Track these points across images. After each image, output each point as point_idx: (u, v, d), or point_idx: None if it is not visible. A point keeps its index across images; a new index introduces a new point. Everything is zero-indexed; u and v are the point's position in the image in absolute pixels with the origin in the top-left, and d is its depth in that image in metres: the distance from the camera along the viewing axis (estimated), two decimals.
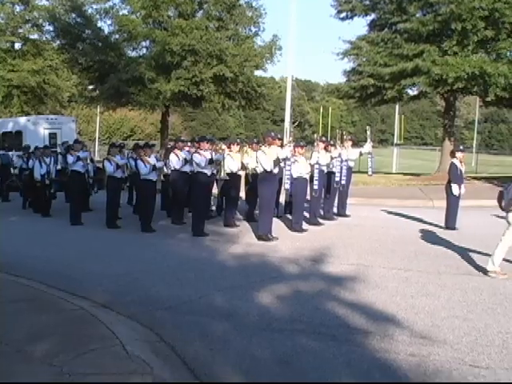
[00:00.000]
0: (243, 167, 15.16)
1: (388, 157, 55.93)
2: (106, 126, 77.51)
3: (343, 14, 30.66)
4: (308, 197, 14.52)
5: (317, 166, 14.34)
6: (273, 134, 13.61)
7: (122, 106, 36.08)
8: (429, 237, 13.04)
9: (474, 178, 28.31)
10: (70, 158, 16.04)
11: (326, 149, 15.17)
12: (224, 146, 14.79)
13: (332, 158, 15.27)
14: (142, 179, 14.35)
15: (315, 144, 14.96)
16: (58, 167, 18.70)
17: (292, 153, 13.23)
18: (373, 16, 30.14)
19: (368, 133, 17.04)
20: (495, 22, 24.55)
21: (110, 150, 16.01)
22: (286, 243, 12.20)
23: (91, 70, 33.16)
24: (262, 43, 33.20)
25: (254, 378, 5.36)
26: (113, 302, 7.81)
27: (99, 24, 33.34)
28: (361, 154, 16.72)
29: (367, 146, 16.57)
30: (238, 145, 15.34)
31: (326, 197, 15.72)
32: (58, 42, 35.63)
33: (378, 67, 27.34)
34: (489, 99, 27.06)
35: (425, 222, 15.31)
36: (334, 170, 15.40)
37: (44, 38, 38.93)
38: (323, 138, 16.00)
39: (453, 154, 14.77)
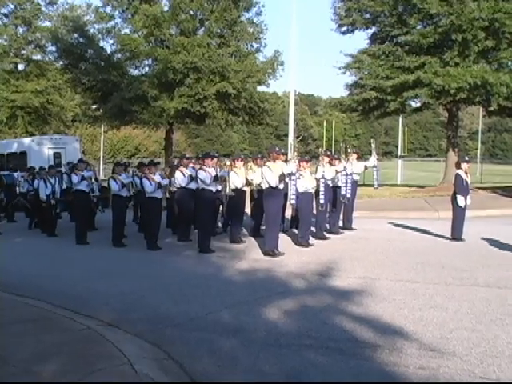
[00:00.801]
0: (248, 183, 15.12)
1: (392, 169, 55.95)
2: (110, 145, 77.84)
3: (344, 28, 30.74)
4: (314, 211, 14.51)
5: (322, 180, 14.31)
6: (277, 149, 13.61)
7: (125, 124, 36.20)
8: (435, 248, 13.01)
9: (479, 188, 28.26)
10: (75, 178, 16.08)
11: (330, 163, 15.16)
12: (228, 162, 14.83)
13: (337, 172, 15.22)
14: (148, 197, 14.36)
15: (320, 158, 14.96)
16: (64, 187, 18.77)
17: (297, 167, 13.19)
18: (373, 29, 30.23)
19: (373, 146, 17.01)
20: (495, 32, 24.60)
21: (115, 168, 16.03)
22: (293, 258, 12.18)
23: (94, 89, 33.31)
24: (264, 59, 33.35)
25: (256, 381, 5.34)
26: (119, 320, 7.79)
27: (101, 44, 33.64)
28: (366, 168, 16.69)
29: (372, 160, 16.56)
30: (242, 160, 15.32)
31: (332, 211, 15.67)
32: (60, 62, 35.86)
33: (379, 80, 27.38)
34: (492, 109, 27.12)
35: (430, 234, 15.27)
36: (339, 183, 15.37)
37: (47, 59, 39.25)
38: (328, 152, 15.95)
39: (458, 165, 14.70)
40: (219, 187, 14.13)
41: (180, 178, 15.24)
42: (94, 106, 36.18)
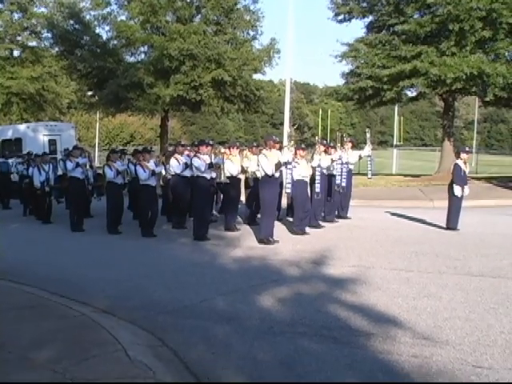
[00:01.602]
0: (243, 171, 15.15)
1: (388, 158, 56.01)
2: (105, 132, 77.59)
3: (341, 17, 30.68)
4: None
5: (318, 169, 14.37)
6: (274, 137, 13.61)
7: (121, 111, 36.08)
8: (429, 237, 13.06)
9: (474, 178, 28.30)
10: (69, 165, 16.04)
11: (326, 151, 15.18)
12: (223, 150, 14.82)
13: (333, 161, 15.24)
14: (142, 184, 14.37)
15: (316, 147, 14.96)
16: (59, 173, 18.76)
17: (293, 156, 13.21)
18: (370, 18, 30.17)
19: (368, 135, 16.99)
20: (493, 23, 24.57)
21: (110, 155, 15.99)
22: (287, 246, 12.21)
23: (90, 76, 33.18)
24: (260, 47, 33.24)
25: (256, 381, 5.36)
26: (114, 307, 7.80)
27: (97, 30, 33.47)
28: (360, 158, 16.72)
29: (367, 149, 16.55)
30: (237, 148, 15.30)
31: (327, 199, 15.68)
32: (56, 48, 35.72)
33: (376, 69, 27.35)
34: (488, 99, 27.09)
35: (425, 223, 15.31)
36: (334, 172, 15.39)
37: (42, 45, 39.04)
38: (324, 141, 15.97)
39: (458, 155, 14.73)
40: (214, 174, 14.14)
41: (175, 165, 15.24)
42: (90, 93, 36.04)
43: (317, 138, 16.18)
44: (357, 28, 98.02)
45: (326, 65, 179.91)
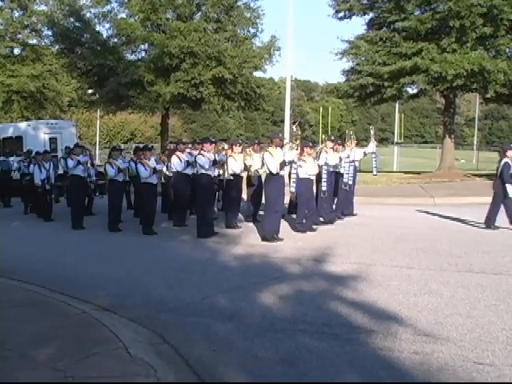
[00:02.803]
0: (245, 169, 15.07)
1: (389, 155, 55.98)
2: (106, 130, 77.58)
3: (341, 14, 30.61)
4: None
5: (325, 167, 14.25)
6: (280, 134, 13.54)
7: (121, 109, 36.03)
8: (430, 234, 13.05)
9: (475, 175, 28.30)
10: (71, 163, 16.06)
11: (333, 149, 15.06)
12: (226, 146, 14.76)
13: (341, 159, 15.10)
14: (143, 182, 14.37)
15: (323, 144, 14.86)
16: (60, 171, 18.76)
17: (298, 155, 13.08)
18: (371, 15, 30.11)
19: (372, 132, 16.82)
20: (494, 19, 24.53)
21: (112, 153, 15.98)
22: (288, 243, 12.21)
23: (90, 74, 33.12)
24: (261, 44, 33.14)
25: (257, 378, 5.36)
26: (115, 305, 7.81)
27: (98, 28, 33.36)
28: (365, 154, 16.61)
29: (371, 146, 16.43)
30: (240, 146, 15.21)
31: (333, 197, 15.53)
32: (56, 46, 35.63)
33: (376, 66, 27.32)
34: (488, 96, 27.08)
35: (426, 220, 15.31)
36: (341, 170, 15.26)
37: (43, 43, 39.00)
38: (332, 138, 15.77)
39: (504, 153, 14.02)
40: (216, 172, 14.12)
41: (176, 162, 15.23)
42: (90, 91, 35.98)
43: (324, 135, 16.01)
44: (357, 25, 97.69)
45: (326, 62, 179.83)
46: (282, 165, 12.61)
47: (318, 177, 14.24)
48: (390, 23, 28.34)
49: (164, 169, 15.94)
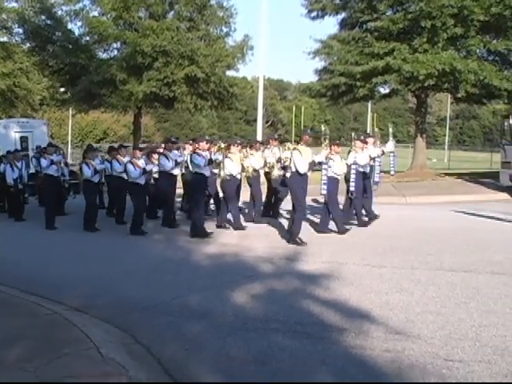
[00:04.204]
0: (243, 170, 14.50)
1: None
2: (78, 129, 76.91)
3: (314, 14, 30.60)
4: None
5: (354, 167, 13.64)
6: (309, 131, 13.16)
7: (94, 108, 35.82)
8: (402, 233, 13.14)
9: (446, 174, 28.56)
10: (44, 162, 15.87)
11: (363, 147, 14.49)
12: (223, 145, 14.43)
13: (371, 158, 14.48)
14: (131, 182, 14.15)
15: (352, 143, 14.35)
16: (32, 171, 18.58)
17: (327, 153, 12.60)
18: (343, 15, 30.14)
19: (390, 130, 16.15)
20: (464, 20, 24.74)
21: (88, 153, 15.79)
22: (261, 242, 12.23)
23: (62, 72, 32.85)
24: (234, 43, 33.15)
25: (229, 377, 5.36)
26: (87, 305, 7.75)
27: (69, 26, 33.04)
28: (383, 153, 15.85)
29: (390, 145, 15.82)
30: (237, 145, 14.71)
31: (364, 197, 14.71)
32: (27, 44, 35.25)
33: (349, 66, 27.40)
34: (459, 96, 27.35)
35: (397, 219, 15.39)
36: (367, 170, 14.68)
37: (14, 41, 38.48)
38: (362, 137, 15.07)
39: None
40: (214, 170, 14.00)
41: (164, 162, 14.92)
42: (62, 90, 35.70)
43: (353, 133, 15.42)
44: (330, 25, 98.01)
45: (299, 62, 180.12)
46: (312, 165, 12.18)
47: (346, 177, 13.69)
48: (362, 23, 28.44)
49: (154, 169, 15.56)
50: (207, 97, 32.68)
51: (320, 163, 12.42)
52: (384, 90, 31.96)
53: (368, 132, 15.56)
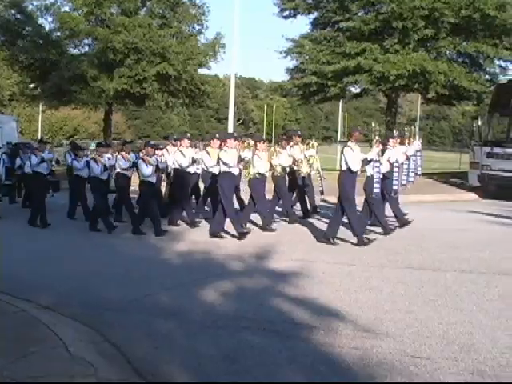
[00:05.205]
0: (271, 168, 13.91)
1: (332, 154, 56.44)
2: (48, 125, 76.26)
3: (286, 13, 30.66)
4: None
5: (396, 164, 13.37)
6: (360, 128, 12.80)
7: (64, 104, 35.48)
8: (372, 231, 13.19)
9: (416, 174, 28.73)
10: (34, 159, 15.23)
11: (402, 143, 14.24)
12: (252, 142, 14.08)
13: (407, 157, 14.26)
14: (142, 180, 13.75)
15: (388, 141, 13.75)
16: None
17: (379, 150, 12.15)
18: (316, 14, 30.24)
19: (416, 129, 15.61)
20: (435, 22, 25.02)
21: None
22: (231, 240, 12.24)
23: (32, 67, 32.50)
24: (206, 41, 33.14)
25: (199, 375, 5.36)
26: (58, 303, 7.66)
27: (40, 21, 32.70)
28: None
29: (416, 144, 15.54)
30: (264, 143, 14.02)
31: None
32: None
33: (320, 65, 27.50)
34: (430, 96, 27.69)
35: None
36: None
37: None
38: (394, 134, 14.62)
39: None
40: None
41: (181, 159, 14.40)
42: (32, 85, 35.31)
43: (395, 131, 14.96)
44: (302, 24, 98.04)
45: (271, 60, 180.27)
46: (365, 162, 11.77)
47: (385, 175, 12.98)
48: (334, 23, 28.56)
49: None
50: (179, 94, 32.62)
51: (371, 161, 11.92)
52: (355, 90, 32.17)
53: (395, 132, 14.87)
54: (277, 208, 15.19)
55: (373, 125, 12.65)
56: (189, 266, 10.03)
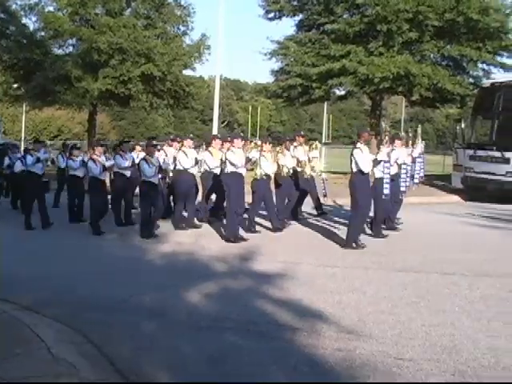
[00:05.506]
0: (278, 168, 13.71)
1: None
2: (32, 126, 75.84)
3: (271, 15, 30.68)
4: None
5: (404, 166, 13.34)
6: (369, 129, 12.60)
7: (48, 104, 35.29)
8: None
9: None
10: (30, 159, 15.05)
11: (406, 144, 14.12)
12: (259, 142, 14.02)
13: (413, 158, 14.24)
14: (144, 181, 13.42)
15: (395, 142, 13.49)
16: None
17: (389, 151, 12.15)
18: (301, 16, 30.27)
19: (419, 131, 15.78)
20: (419, 25, 25.14)
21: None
22: (216, 242, 12.24)
23: (16, 67, 32.29)
24: (191, 42, 33.10)
25: (182, 376, 5.37)
26: (40, 304, 7.61)
27: (24, 20, 32.51)
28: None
29: (419, 147, 15.38)
30: (269, 143, 13.90)
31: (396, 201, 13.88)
32: None
33: (305, 67, 27.53)
34: (414, 99, 27.83)
35: None
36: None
37: None
38: (400, 135, 14.51)
39: None
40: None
41: (184, 160, 14.26)
42: (16, 85, 35.10)
43: (402, 132, 14.99)
44: (287, 26, 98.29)
45: (256, 62, 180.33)
46: (375, 163, 11.66)
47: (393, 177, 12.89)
48: (319, 25, 28.62)
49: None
50: (163, 95, 32.54)
51: (380, 162, 11.84)
52: (340, 92, 32.21)
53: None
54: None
55: (383, 124, 12.56)
56: (173, 267, 10.03)
